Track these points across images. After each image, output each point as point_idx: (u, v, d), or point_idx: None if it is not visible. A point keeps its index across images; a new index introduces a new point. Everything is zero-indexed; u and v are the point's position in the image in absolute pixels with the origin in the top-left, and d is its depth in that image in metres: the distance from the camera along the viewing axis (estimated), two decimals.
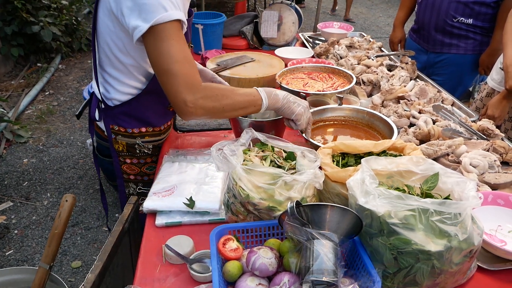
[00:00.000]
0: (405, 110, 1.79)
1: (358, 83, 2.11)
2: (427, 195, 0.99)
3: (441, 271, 0.92)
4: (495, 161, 1.40)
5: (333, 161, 1.23)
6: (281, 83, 1.93)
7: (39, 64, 5.16)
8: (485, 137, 1.60)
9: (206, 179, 1.37)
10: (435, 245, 0.88)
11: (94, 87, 1.52)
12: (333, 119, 1.69)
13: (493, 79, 2.13)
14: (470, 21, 2.35)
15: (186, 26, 1.27)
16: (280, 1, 2.71)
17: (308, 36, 2.97)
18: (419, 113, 1.75)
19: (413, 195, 0.97)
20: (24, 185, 3.25)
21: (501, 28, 2.03)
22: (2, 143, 3.66)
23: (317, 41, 2.89)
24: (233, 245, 1.00)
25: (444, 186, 1.00)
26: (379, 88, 2.05)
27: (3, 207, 3.00)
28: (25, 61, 5.17)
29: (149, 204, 1.26)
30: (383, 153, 1.24)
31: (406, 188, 1.03)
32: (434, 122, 1.67)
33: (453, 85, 2.51)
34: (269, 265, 0.94)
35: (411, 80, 2.09)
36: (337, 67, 2.13)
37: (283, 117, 1.43)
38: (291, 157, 1.19)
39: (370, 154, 1.23)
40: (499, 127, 1.96)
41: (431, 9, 2.44)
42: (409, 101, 1.86)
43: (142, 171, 1.63)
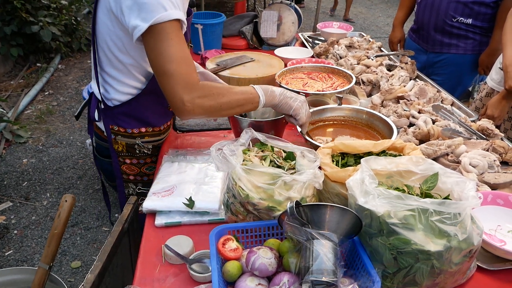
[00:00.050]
0: (405, 110, 1.79)
1: (357, 83, 2.11)
2: (426, 195, 0.99)
3: (441, 271, 0.92)
4: (494, 161, 1.40)
5: (333, 161, 1.23)
6: (280, 83, 1.93)
7: (38, 64, 5.16)
8: (485, 137, 1.60)
9: (205, 179, 1.37)
10: (434, 245, 0.88)
11: (93, 88, 1.52)
12: (333, 119, 1.69)
13: (493, 79, 2.13)
14: (469, 21, 2.35)
15: (185, 25, 1.27)
16: (279, 1, 2.70)
17: (307, 36, 2.97)
18: (419, 113, 1.75)
19: (413, 195, 0.97)
20: (23, 185, 3.25)
21: (501, 28, 2.03)
22: (1, 143, 3.65)
23: (316, 41, 2.89)
24: (233, 245, 1.00)
25: (443, 186, 1.00)
26: (379, 88, 2.05)
27: (2, 207, 3.00)
28: (25, 61, 5.16)
29: (149, 204, 1.26)
30: (382, 153, 1.24)
31: (405, 188, 1.03)
32: (433, 122, 1.67)
33: (453, 85, 2.51)
34: (269, 265, 0.94)
35: (410, 80, 2.09)
36: (336, 67, 2.12)
37: (282, 113, 1.42)
38: (290, 157, 1.19)
39: (369, 154, 1.23)
40: (498, 127, 1.96)
41: (430, 9, 2.44)
42: (408, 101, 1.86)
43: (141, 171, 1.63)
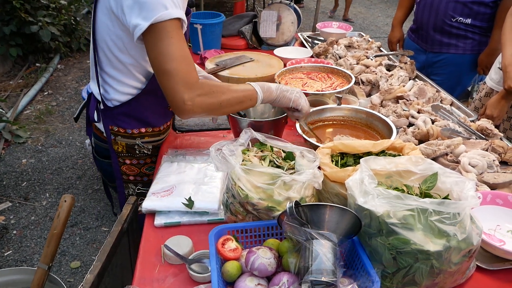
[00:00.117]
0: (404, 110, 1.79)
1: (357, 83, 2.11)
2: (426, 195, 0.99)
3: (440, 271, 0.92)
4: (494, 160, 1.40)
5: (332, 161, 1.23)
6: (280, 83, 1.93)
7: (37, 64, 5.15)
8: (484, 136, 1.60)
9: (205, 179, 1.37)
10: (434, 245, 0.88)
11: (92, 88, 1.51)
12: (332, 119, 1.69)
13: (492, 78, 2.13)
14: (468, 21, 2.36)
15: (186, 25, 1.27)
16: (279, 1, 2.70)
17: (307, 36, 2.97)
18: (418, 113, 1.75)
19: (412, 195, 0.97)
20: (23, 185, 3.25)
21: (500, 27, 2.03)
22: (0, 143, 3.65)
23: (316, 41, 2.89)
24: (232, 245, 0.99)
25: (443, 185, 1.00)
26: (378, 88, 2.05)
27: (2, 207, 3.00)
28: (24, 61, 5.16)
29: (148, 204, 1.26)
30: (382, 153, 1.24)
31: (405, 188, 1.03)
32: (433, 122, 1.67)
33: (452, 85, 2.51)
34: (268, 265, 0.94)
35: (410, 80, 2.09)
36: (336, 67, 2.12)
37: (282, 108, 1.42)
38: (290, 157, 1.19)
39: (369, 154, 1.23)
40: (497, 126, 1.96)
41: (429, 9, 2.44)
42: (408, 101, 1.86)
43: (141, 171, 1.62)
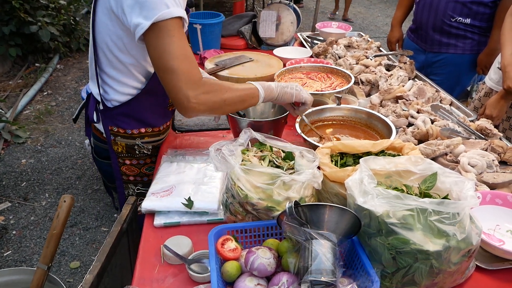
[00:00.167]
0: (404, 109, 1.80)
1: (356, 83, 2.11)
2: (425, 195, 0.99)
3: (440, 270, 0.92)
4: (493, 160, 1.40)
5: (332, 161, 1.23)
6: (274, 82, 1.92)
7: (37, 64, 5.15)
8: (483, 136, 1.60)
9: (204, 179, 1.37)
10: (433, 245, 0.88)
11: (91, 89, 1.51)
12: (332, 119, 1.69)
13: (491, 78, 2.13)
14: (468, 20, 2.36)
15: (187, 24, 1.27)
16: (278, 1, 2.70)
17: (306, 36, 2.97)
18: (418, 112, 1.75)
19: (412, 195, 0.97)
20: (22, 185, 3.24)
21: (499, 27, 2.03)
22: (0, 143, 3.65)
23: (315, 41, 2.89)
24: (232, 245, 0.99)
25: (442, 185, 1.00)
26: (378, 88, 2.05)
27: (1, 207, 3.00)
28: (23, 61, 5.15)
29: (148, 204, 1.26)
30: (381, 153, 1.24)
31: (404, 188, 1.03)
32: (432, 121, 1.67)
33: (451, 84, 2.51)
34: (268, 265, 0.94)
35: (409, 79, 2.09)
36: (335, 67, 2.12)
37: (285, 106, 1.44)
38: (289, 157, 1.19)
39: (368, 154, 1.23)
40: (497, 126, 1.96)
41: (429, 9, 2.45)
42: (407, 100, 1.87)
43: (141, 172, 1.62)
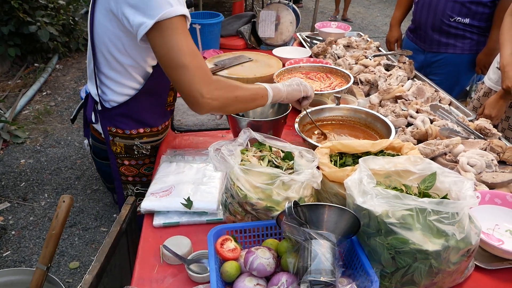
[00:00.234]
0: (403, 109, 1.80)
1: (355, 83, 2.11)
2: (424, 195, 0.99)
3: (439, 270, 0.92)
4: (492, 160, 1.40)
5: (331, 161, 1.23)
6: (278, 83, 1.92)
7: (36, 64, 5.14)
8: (482, 136, 1.60)
9: (203, 179, 1.37)
10: (432, 245, 0.88)
11: (90, 89, 1.50)
12: (331, 119, 1.69)
13: (490, 78, 2.14)
14: (467, 20, 2.36)
15: (189, 22, 1.26)
16: (277, 1, 2.70)
17: (305, 35, 2.97)
18: (417, 112, 1.75)
19: (411, 194, 0.97)
20: (21, 185, 3.24)
21: (498, 27, 2.04)
22: None
23: (314, 41, 2.89)
24: (231, 245, 0.99)
25: (441, 185, 1.00)
26: (377, 87, 2.05)
27: (0, 208, 2.99)
28: (22, 61, 5.15)
29: (147, 204, 1.26)
30: (380, 153, 1.24)
31: (403, 187, 1.03)
32: (431, 121, 1.67)
33: (450, 84, 2.52)
34: (267, 265, 0.94)
35: (408, 79, 2.09)
36: (334, 67, 2.13)
37: (293, 101, 1.48)
38: (289, 157, 1.19)
39: (367, 153, 1.23)
40: (496, 126, 1.97)
41: (427, 9, 2.45)
42: (406, 100, 1.87)
43: (140, 172, 1.62)
